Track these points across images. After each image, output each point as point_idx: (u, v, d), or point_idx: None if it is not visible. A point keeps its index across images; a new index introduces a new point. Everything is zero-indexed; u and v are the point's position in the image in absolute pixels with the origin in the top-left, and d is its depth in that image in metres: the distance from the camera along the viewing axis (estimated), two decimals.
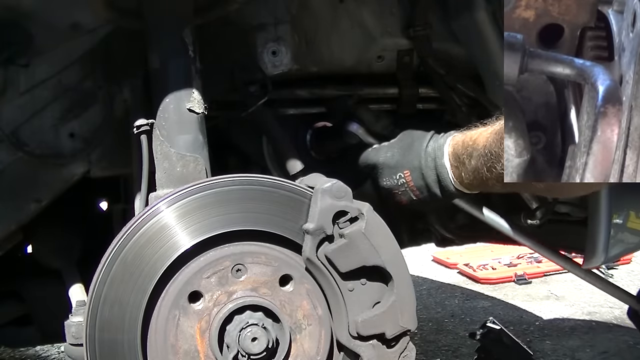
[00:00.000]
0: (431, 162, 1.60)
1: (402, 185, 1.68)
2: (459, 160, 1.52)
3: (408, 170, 1.66)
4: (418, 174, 1.64)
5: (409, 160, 1.66)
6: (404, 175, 1.67)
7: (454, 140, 1.57)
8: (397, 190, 1.70)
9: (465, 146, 1.50)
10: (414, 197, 1.67)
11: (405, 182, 1.67)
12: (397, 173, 1.69)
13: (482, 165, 1.43)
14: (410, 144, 1.68)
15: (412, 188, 1.66)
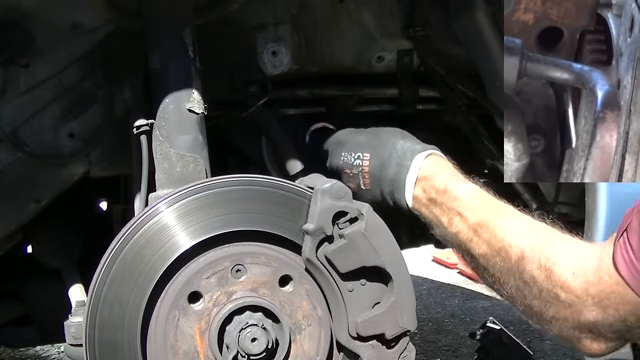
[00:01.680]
0: (395, 162, 1.50)
1: (357, 166, 1.57)
2: (426, 191, 1.45)
3: (369, 154, 1.55)
4: (378, 163, 1.53)
5: (374, 146, 1.56)
6: (362, 156, 1.56)
7: (429, 168, 1.47)
8: (349, 171, 1.58)
9: (438, 191, 1.43)
10: (363, 186, 1.56)
11: (361, 164, 1.56)
12: (357, 152, 1.57)
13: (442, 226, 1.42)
14: (382, 133, 1.59)
15: (365, 174, 1.55)
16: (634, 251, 1.05)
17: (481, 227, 1.33)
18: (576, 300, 1.14)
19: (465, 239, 1.36)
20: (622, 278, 1.06)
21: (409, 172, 1.47)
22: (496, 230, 1.30)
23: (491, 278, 1.33)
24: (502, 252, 1.28)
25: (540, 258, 1.20)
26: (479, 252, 1.33)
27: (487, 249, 1.31)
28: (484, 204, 1.37)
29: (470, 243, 1.35)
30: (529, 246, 1.23)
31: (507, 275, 1.27)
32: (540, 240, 1.24)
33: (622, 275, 1.06)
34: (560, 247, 1.20)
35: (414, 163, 1.47)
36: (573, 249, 1.19)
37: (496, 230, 1.30)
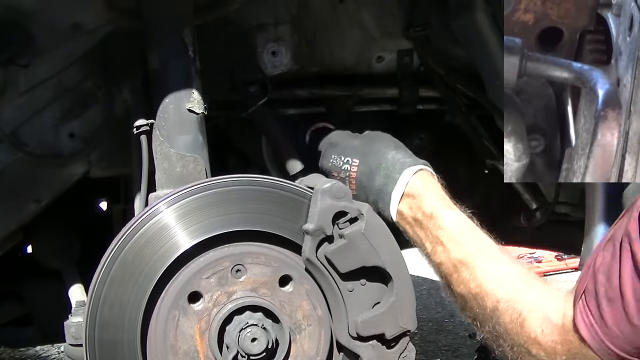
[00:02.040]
0: (383, 172, 1.50)
1: (344, 170, 1.57)
2: (412, 210, 1.46)
3: (358, 161, 1.56)
4: (366, 170, 1.53)
5: (364, 152, 1.56)
6: (352, 162, 1.56)
7: (417, 186, 1.47)
8: (337, 174, 1.58)
9: (424, 214, 1.44)
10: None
11: (349, 169, 1.56)
12: (347, 157, 1.58)
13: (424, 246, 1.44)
14: (375, 140, 1.59)
15: (352, 180, 1.56)
16: (592, 315, 1.10)
17: (462, 264, 1.37)
18: (545, 358, 1.20)
19: (446, 272, 1.40)
20: (584, 341, 1.11)
21: (396, 186, 1.47)
22: (476, 272, 1.34)
23: (469, 317, 1.38)
24: (478, 298, 1.32)
25: (512, 312, 1.25)
26: (458, 290, 1.37)
27: (465, 290, 1.35)
28: (468, 239, 1.40)
29: (450, 277, 1.39)
30: (503, 298, 1.28)
31: (483, 320, 1.32)
32: (513, 292, 1.28)
33: (584, 338, 1.11)
34: (530, 302, 1.25)
35: (402, 177, 1.48)
36: (541, 303, 1.24)
37: (476, 273, 1.34)
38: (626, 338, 1.05)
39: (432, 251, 1.42)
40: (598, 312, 1.08)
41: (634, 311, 1.02)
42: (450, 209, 1.44)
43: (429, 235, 1.43)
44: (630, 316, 1.02)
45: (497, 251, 1.38)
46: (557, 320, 1.18)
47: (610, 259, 1.07)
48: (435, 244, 1.41)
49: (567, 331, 1.16)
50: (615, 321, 1.05)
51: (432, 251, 1.42)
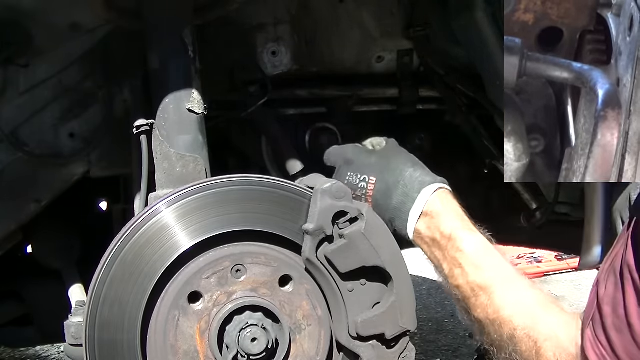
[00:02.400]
0: (401, 191, 1.49)
1: (361, 188, 1.56)
2: (430, 230, 1.46)
3: (375, 178, 1.54)
4: (383, 188, 1.52)
5: (381, 170, 1.55)
6: (368, 179, 1.55)
7: (436, 206, 1.46)
8: (353, 192, 1.54)
9: (443, 235, 1.44)
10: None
11: (366, 187, 1.55)
12: (364, 175, 1.56)
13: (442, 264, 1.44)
14: (392, 157, 1.58)
15: (369, 198, 1.54)
16: (602, 346, 1.10)
17: (481, 289, 1.37)
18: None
19: (464, 295, 1.40)
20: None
21: (415, 205, 1.47)
22: (494, 298, 1.35)
23: (487, 342, 1.38)
24: (496, 324, 1.32)
25: (529, 341, 1.26)
26: (476, 315, 1.38)
27: (483, 316, 1.36)
28: (487, 263, 1.40)
29: (468, 301, 1.39)
30: (520, 326, 1.29)
31: (500, 346, 1.32)
32: (530, 320, 1.29)
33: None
34: (546, 330, 1.26)
35: (421, 196, 1.47)
36: (557, 332, 1.24)
37: (494, 299, 1.35)
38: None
39: (450, 273, 1.42)
40: (608, 343, 1.09)
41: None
42: (469, 231, 1.44)
43: (447, 257, 1.43)
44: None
45: (516, 275, 1.39)
46: (571, 349, 1.19)
47: (614, 289, 1.08)
48: (454, 266, 1.42)
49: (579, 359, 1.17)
50: (626, 351, 1.06)
51: (450, 273, 1.42)
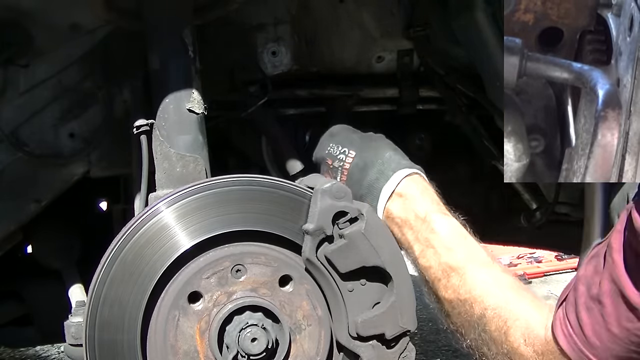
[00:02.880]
0: (377, 168, 1.49)
1: (339, 160, 1.56)
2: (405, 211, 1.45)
3: (355, 153, 1.54)
4: (360, 164, 1.52)
5: (362, 147, 1.55)
6: (348, 152, 1.55)
7: (411, 187, 1.46)
8: (331, 162, 1.57)
9: (417, 217, 1.43)
10: (340, 180, 1.55)
11: (344, 159, 1.55)
12: (345, 148, 1.56)
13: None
14: (375, 139, 1.59)
15: (345, 171, 1.54)
16: (571, 325, 1.09)
17: (452, 269, 1.36)
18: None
19: (434, 277, 1.39)
20: (563, 352, 1.10)
21: (388, 183, 1.47)
22: (466, 279, 1.33)
23: (453, 325, 1.36)
24: (467, 304, 1.31)
25: (498, 320, 1.25)
26: (445, 295, 1.36)
27: (453, 296, 1.34)
28: (460, 245, 1.39)
29: (438, 283, 1.38)
30: (491, 305, 1.28)
31: (469, 328, 1.31)
32: (502, 300, 1.28)
33: (563, 349, 1.10)
34: (517, 311, 1.25)
35: (396, 176, 1.47)
36: (527, 313, 1.23)
37: (466, 279, 1.33)
38: (605, 347, 1.04)
39: (421, 254, 1.41)
40: (577, 322, 1.08)
41: (612, 319, 1.02)
42: (444, 214, 1.43)
43: (419, 238, 1.42)
44: (608, 324, 1.02)
45: (489, 259, 1.38)
46: (540, 331, 1.18)
47: (593, 271, 1.07)
48: (426, 247, 1.41)
49: (548, 342, 1.15)
50: (594, 330, 1.05)
51: (421, 254, 1.41)
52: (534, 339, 1.18)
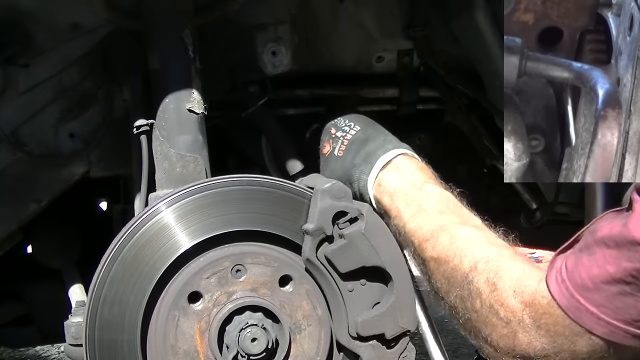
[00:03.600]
0: (379, 142, 1.51)
1: (343, 130, 1.58)
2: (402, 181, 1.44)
3: (360, 128, 1.56)
4: (362, 137, 1.53)
5: (367, 126, 1.57)
6: (353, 126, 1.57)
7: (408, 162, 1.46)
8: (334, 131, 1.59)
9: (414, 185, 1.41)
10: (337, 152, 1.56)
11: (348, 131, 1.57)
12: (352, 122, 1.59)
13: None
14: (380, 126, 1.61)
15: (345, 141, 1.56)
16: (567, 270, 1.05)
17: (443, 230, 1.32)
18: (512, 320, 1.14)
19: (421, 238, 1.35)
20: (553, 298, 1.06)
21: (386, 154, 1.47)
22: (457, 236, 1.30)
23: (436, 283, 1.32)
24: (455, 259, 1.27)
25: (489, 273, 1.20)
26: (432, 254, 1.32)
27: (441, 253, 1.30)
28: (455, 212, 1.37)
29: (425, 243, 1.34)
30: (482, 259, 1.23)
31: (454, 283, 1.26)
32: (496, 255, 1.23)
33: (553, 295, 1.06)
34: (509, 265, 1.20)
35: (395, 150, 1.48)
36: (520, 268, 1.19)
37: (457, 237, 1.30)
38: (597, 289, 0.99)
39: (411, 218, 1.37)
40: (575, 265, 1.03)
41: (612, 258, 0.97)
42: (440, 185, 1.43)
43: (411, 204, 1.39)
44: (607, 263, 0.97)
45: (484, 226, 1.35)
46: (531, 282, 1.13)
47: (603, 220, 1.02)
48: (418, 211, 1.37)
49: (538, 293, 1.10)
50: (590, 273, 1.00)
51: (411, 218, 1.37)
52: (524, 289, 1.13)
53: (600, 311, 0.99)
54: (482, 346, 1.24)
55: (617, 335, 0.99)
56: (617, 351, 1.02)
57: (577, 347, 1.05)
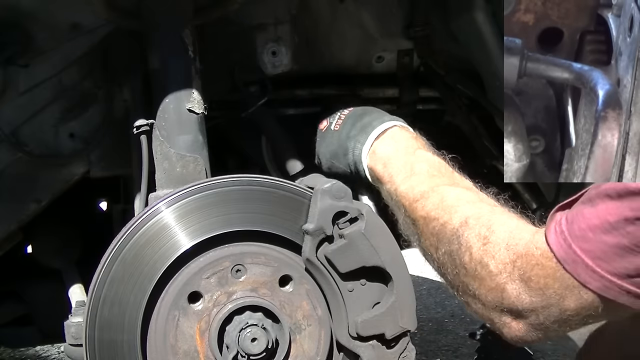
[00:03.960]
0: (374, 116, 1.58)
1: (339, 110, 1.68)
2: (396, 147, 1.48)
3: (354, 108, 1.65)
4: (358, 112, 1.62)
5: (363, 107, 1.65)
6: (347, 108, 1.67)
7: (405, 132, 1.51)
8: (328, 114, 1.70)
9: (407, 151, 1.44)
10: (334, 125, 1.65)
11: (343, 110, 1.67)
12: (350, 105, 1.69)
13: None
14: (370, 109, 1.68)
15: (342, 116, 1.65)
16: (567, 221, 1.02)
17: (434, 190, 1.33)
18: (502, 272, 1.11)
19: (412, 199, 1.36)
20: (550, 250, 1.03)
21: (381, 125, 1.52)
22: (447, 196, 1.30)
23: (426, 242, 1.31)
24: (445, 215, 1.26)
25: (480, 227, 1.19)
26: (421, 213, 1.32)
27: (430, 211, 1.29)
28: (445, 173, 1.39)
29: (415, 203, 1.34)
30: (474, 215, 1.22)
31: (442, 239, 1.25)
32: (486, 212, 1.22)
33: (550, 246, 1.03)
34: (502, 219, 1.19)
35: (391, 122, 1.53)
36: (514, 222, 1.17)
37: (447, 196, 1.30)
38: (597, 239, 0.97)
39: (403, 181, 1.39)
40: (575, 217, 1.01)
41: (614, 208, 0.95)
42: (433, 152, 1.45)
43: (403, 169, 1.40)
44: (609, 214, 0.95)
45: (475, 187, 1.36)
46: (526, 236, 1.12)
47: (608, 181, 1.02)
48: (410, 175, 1.39)
49: (532, 244, 1.09)
50: (590, 223, 0.98)
51: (403, 181, 1.39)
52: (517, 241, 1.11)
53: (596, 264, 0.98)
54: (469, 302, 1.22)
55: (610, 291, 0.98)
56: (605, 310, 1.01)
57: (566, 303, 1.03)
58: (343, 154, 1.57)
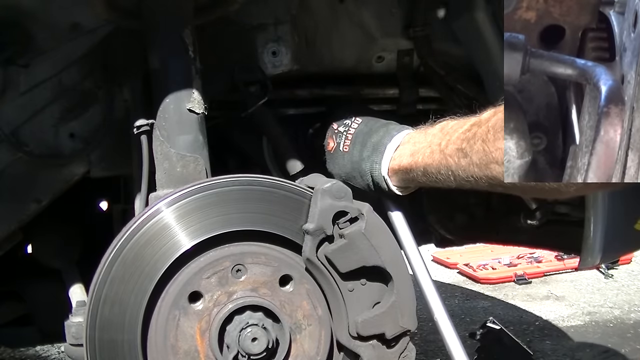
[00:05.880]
0: (382, 131, 1.55)
1: (345, 125, 1.65)
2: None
3: (361, 121, 1.62)
4: (365, 129, 1.59)
5: (369, 118, 1.63)
6: (354, 120, 1.64)
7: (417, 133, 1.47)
8: (337, 126, 1.67)
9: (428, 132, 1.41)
10: (342, 147, 1.62)
11: (350, 124, 1.63)
12: (353, 116, 1.66)
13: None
14: (377, 119, 1.65)
15: (349, 136, 1.62)
16: None
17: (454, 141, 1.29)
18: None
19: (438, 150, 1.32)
20: None
21: (394, 139, 1.49)
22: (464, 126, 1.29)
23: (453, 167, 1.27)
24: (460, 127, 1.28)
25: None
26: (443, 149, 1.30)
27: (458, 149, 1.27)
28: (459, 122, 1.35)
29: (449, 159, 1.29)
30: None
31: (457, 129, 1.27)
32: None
33: None
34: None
35: (402, 133, 1.51)
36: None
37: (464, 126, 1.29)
38: None
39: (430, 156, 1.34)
40: None
41: None
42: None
43: (433, 153, 1.34)
44: None
45: None
46: None
47: None
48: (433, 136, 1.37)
49: None
50: None
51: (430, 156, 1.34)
52: None
53: None
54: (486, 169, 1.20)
55: None
56: None
57: None
58: (360, 175, 1.55)
